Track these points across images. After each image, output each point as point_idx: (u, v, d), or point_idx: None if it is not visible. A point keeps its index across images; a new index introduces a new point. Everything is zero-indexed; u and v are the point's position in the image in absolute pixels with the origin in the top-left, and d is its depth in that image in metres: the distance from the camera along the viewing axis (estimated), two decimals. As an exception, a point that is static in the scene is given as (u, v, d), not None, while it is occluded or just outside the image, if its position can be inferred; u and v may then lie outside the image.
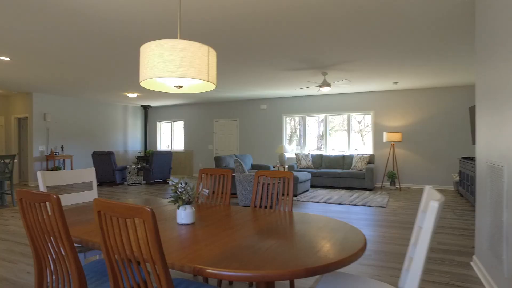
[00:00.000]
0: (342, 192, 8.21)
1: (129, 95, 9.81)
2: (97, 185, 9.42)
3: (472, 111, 7.09)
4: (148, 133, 13.33)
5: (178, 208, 1.97)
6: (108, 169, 9.16)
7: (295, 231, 1.82)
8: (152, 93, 9.73)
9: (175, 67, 1.74)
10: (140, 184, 9.59)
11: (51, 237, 1.53)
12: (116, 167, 9.17)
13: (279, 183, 5.84)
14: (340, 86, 8.67)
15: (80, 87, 8.62)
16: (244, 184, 6.09)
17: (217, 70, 6.96)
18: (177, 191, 1.95)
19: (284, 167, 9.79)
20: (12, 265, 3.31)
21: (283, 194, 7.66)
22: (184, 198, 1.95)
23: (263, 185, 6.23)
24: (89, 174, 2.94)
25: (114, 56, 5.64)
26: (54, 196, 1.40)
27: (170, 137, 12.96)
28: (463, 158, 7.23)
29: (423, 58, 5.86)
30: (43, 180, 2.56)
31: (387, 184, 9.31)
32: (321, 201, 6.96)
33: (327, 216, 2.22)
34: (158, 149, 13.14)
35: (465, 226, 4.80)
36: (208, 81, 1.85)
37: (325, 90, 7.25)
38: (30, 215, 1.55)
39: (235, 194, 7.70)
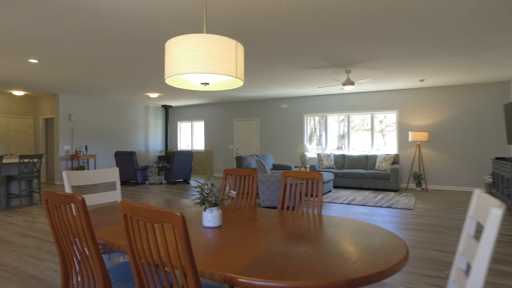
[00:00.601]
0: (366, 193, 7.98)
1: (150, 95, 9.90)
2: (120, 184, 9.56)
3: (508, 108, 6.71)
4: (169, 133, 13.45)
5: (204, 210, 1.89)
6: (130, 169, 9.27)
7: (327, 236, 1.71)
8: (173, 93, 9.79)
9: (201, 63, 1.66)
10: (161, 183, 9.66)
11: (76, 239, 1.48)
12: (137, 166, 9.27)
13: (301, 183, 5.72)
14: (363, 84, 8.43)
15: (102, 88, 8.76)
16: (267, 184, 6.00)
17: (238, 69, 6.89)
18: (203, 193, 1.87)
19: (305, 167, 9.63)
20: (39, 263, 3.35)
21: (308, 195, 7.50)
22: (210, 200, 1.87)
23: (290, 185, 6.11)
24: (113, 174, 2.92)
25: (136, 56, 5.67)
26: (79, 197, 1.34)
27: (191, 137, 13.03)
28: (497, 158, 6.86)
29: (453, 53, 5.59)
30: (68, 180, 2.55)
31: (412, 185, 9.00)
32: (345, 202, 6.78)
33: (359, 220, 2.09)
34: (178, 149, 13.24)
35: (503, 231, 4.52)
36: (236, 77, 1.76)
37: (348, 88, 7.05)
38: (56, 216, 1.52)
39: (257, 194, 7.62)
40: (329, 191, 8.17)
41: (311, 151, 10.39)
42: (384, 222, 5.09)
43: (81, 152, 10.16)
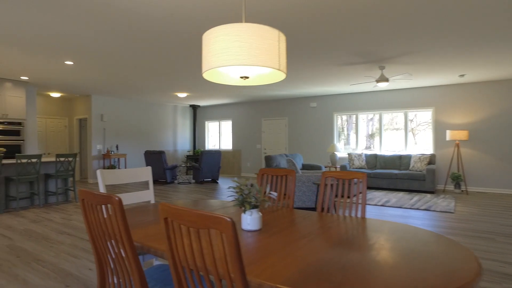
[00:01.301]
0: (400, 194, 7.63)
1: (179, 95, 9.98)
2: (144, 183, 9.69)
3: (558, 105, 6.18)
4: (197, 133, 13.54)
5: (244, 212, 1.78)
6: (159, 168, 9.38)
7: (381, 243, 1.55)
8: (201, 92, 9.81)
9: (242, 55, 1.55)
10: (190, 183, 9.71)
11: (112, 240, 1.41)
12: (166, 166, 9.36)
13: (332, 184, 5.48)
14: (397, 81, 8.07)
15: (133, 88, 8.91)
16: (298, 185, 5.84)
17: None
18: (243, 194, 1.76)
19: (336, 167, 9.37)
20: (76, 260, 3.37)
21: (350, 196, 7.28)
22: (250, 201, 1.76)
23: (331, 186, 5.93)
24: (146, 173, 2.88)
25: (166, 55, 5.67)
26: (116, 198, 1.27)
27: (218, 136, 13.06)
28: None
29: (498, 45, 5.19)
30: (102, 179, 2.52)
31: (450, 186, 8.52)
32: (378, 204, 6.50)
33: (405, 224, 1.91)
34: (206, 149, 13.31)
35: (558, 238, 4.13)
36: (279, 69, 1.64)
37: (382, 85, 6.76)
38: (92, 216, 1.45)
39: (285, 194, 7.47)
40: (361, 192, 7.88)
41: (341, 150, 10.10)
42: (423, 226, 4.80)
43: (112, 152, 10.40)
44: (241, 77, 1.80)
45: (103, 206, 1.39)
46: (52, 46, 5.11)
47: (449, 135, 7.94)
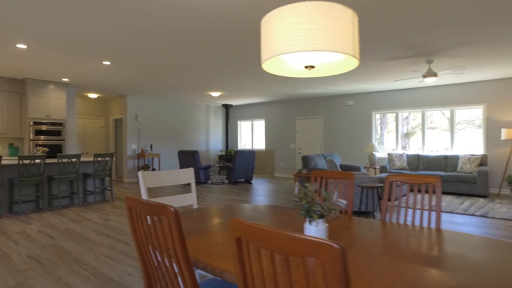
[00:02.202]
0: (448, 198, 7.08)
1: (212, 94, 9.89)
2: (182, 184, 9.67)
3: None
4: (229, 132, 13.44)
5: (309, 223, 1.53)
6: (192, 168, 9.33)
7: (479, 262, 1.25)
8: (234, 91, 9.67)
9: (314, 38, 1.30)
10: (223, 183, 9.59)
11: (164, 254, 1.22)
12: (200, 166, 9.29)
13: (367, 186, 5.07)
14: (443, 77, 7.50)
15: (167, 88, 8.91)
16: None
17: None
18: (308, 201, 1.52)
19: (374, 168, 8.91)
20: (115, 264, 3.27)
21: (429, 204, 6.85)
22: (316, 210, 1.51)
23: (399, 189, 5.58)
24: (188, 175, 2.70)
25: (202, 54, 5.54)
26: (172, 209, 1.06)
27: (251, 136, 12.89)
28: None
29: None
30: (144, 181, 2.37)
31: (506, 190, 7.82)
32: (426, 207, 6.02)
33: (495, 239, 1.58)
34: (238, 148, 13.18)
35: None
36: (353, 56, 1.38)
37: (429, 81, 6.27)
38: (141, 227, 1.26)
39: (324, 196, 7.14)
40: (404, 195, 7.40)
41: (380, 150, 9.60)
42: (486, 235, 4.34)
43: (146, 151, 10.50)
44: (306, 67, 1.56)
45: (153, 217, 1.20)
46: (90, 46, 5.11)
47: (504, 134, 7.28)
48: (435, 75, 6.06)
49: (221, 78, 7.64)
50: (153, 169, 10.45)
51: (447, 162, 8.20)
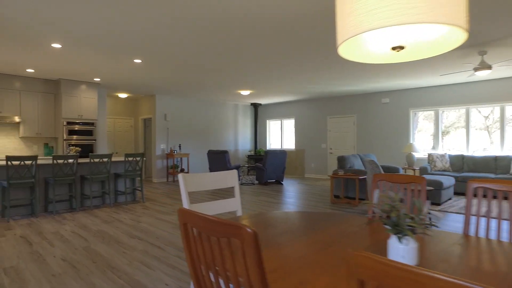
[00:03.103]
0: (503, 203, 6.47)
1: (242, 93, 9.67)
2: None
3: None
4: (258, 132, 13.18)
5: (400, 240, 1.23)
6: (222, 168, 9.14)
7: None
8: (264, 90, 9.40)
9: (418, 7, 1.00)
10: (253, 184, 9.35)
11: (231, 282, 0.96)
12: (230, 166, 9.09)
13: (410, 189, 4.66)
14: (494, 69, 6.89)
15: (196, 86, 8.77)
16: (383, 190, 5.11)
17: (336, 59, 6.12)
18: (396, 213, 1.22)
19: (413, 170, 8.38)
20: (150, 271, 3.08)
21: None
22: (406, 224, 1.20)
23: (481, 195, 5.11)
24: (231, 178, 2.45)
25: (234, 51, 5.30)
26: (248, 230, 0.79)
27: (280, 135, 12.58)
28: None
29: None
30: (184, 185, 2.13)
31: None
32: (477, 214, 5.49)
33: None
34: (267, 148, 12.91)
35: None
36: (465, 29, 1.06)
37: (482, 74, 5.74)
38: (199, 247, 1.00)
39: (363, 199, 6.74)
40: (449, 199, 6.87)
41: (420, 151, 9.04)
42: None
43: (175, 151, 10.43)
44: (393, 49, 1.25)
45: (220, 238, 0.94)
46: (122, 44, 5.00)
47: None
48: (489, 67, 5.53)
49: (252, 76, 7.40)
50: (182, 169, 10.37)
51: (497, 164, 7.56)
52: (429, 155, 8.30)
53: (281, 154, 9.25)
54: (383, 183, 2.26)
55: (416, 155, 9.08)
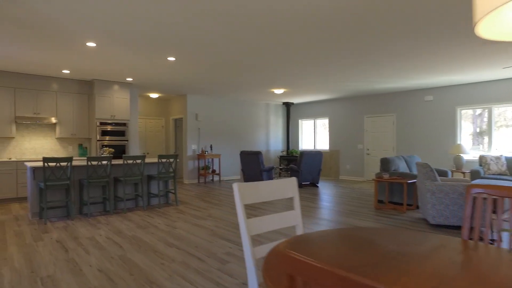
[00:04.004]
0: None
1: (275, 91, 9.31)
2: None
3: None
4: (290, 132, 12.76)
5: None
6: (255, 170, 8.83)
7: None
8: (298, 88, 9.00)
9: None
10: (287, 186, 8.96)
11: None
12: (263, 167, 8.76)
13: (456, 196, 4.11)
14: None
15: (229, 85, 8.50)
16: (439, 196, 4.60)
17: (377, 52, 5.62)
18: None
19: (463, 173, 7.70)
20: (190, 288, 2.79)
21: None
22: None
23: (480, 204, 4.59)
24: (291, 187, 2.10)
25: (269, 48, 4.94)
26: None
27: (313, 135, 12.11)
28: None
29: None
30: (240, 198, 1.80)
31: None
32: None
33: None
34: (300, 149, 12.47)
35: None
36: None
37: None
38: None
39: (411, 205, 6.20)
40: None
41: (470, 152, 8.33)
42: None
43: (206, 152, 10.22)
44: None
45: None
46: (156, 40, 4.77)
47: None
48: (561, 59, 4.87)
49: (287, 73, 7.02)
50: (213, 171, 10.15)
51: (561, 167, 6.77)
52: (482, 157, 7.59)
53: (317, 155, 8.82)
54: (486, 196, 1.82)
55: (466, 157, 8.37)
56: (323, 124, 11.83)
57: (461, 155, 7.85)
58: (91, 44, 4.94)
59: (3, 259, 3.49)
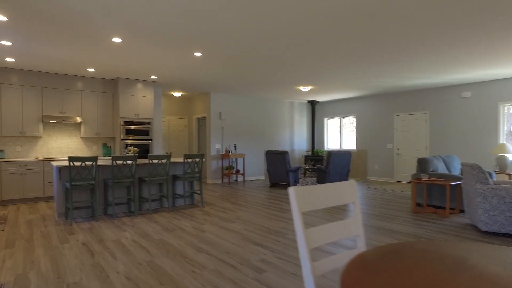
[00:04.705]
0: None
1: (301, 89, 8.98)
2: (269, 187, 8.93)
3: None
4: (316, 131, 12.37)
5: None
6: (281, 170, 8.52)
7: None
8: (326, 85, 8.63)
9: None
10: (314, 187, 8.60)
11: None
12: (290, 167, 8.44)
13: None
14: None
15: (254, 83, 8.23)
16: (492, 200, 4.17)
17: (415, 47, 5.19)
18: None
19: (509, 175, 7.14)
20: (226, 300, 2.52)
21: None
22: None
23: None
24: (350, 191, 1.80)
25: (299, 44, 4.63)
26: None
27: (339, 134, 11.68)
28: None
29: None
30: (297, 204, 1.51)
31: None
32: None
33: None
34: (325, 148, 12.06)
35: None
36: None
37: None
38: None
39: (453, 209, 5.75)
40: None
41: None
42: None
43: (230, 151, 10.00)
44: None
45: None
46: (183, 36, 4.55)
47: None
48: None
49: (316, 70, 6.67)
50: (237, 171, 9.91)
51: None
52: (528, 157, 7.00)
53: (346, 155, 8.43)
54: None
55: (510, 156, 7.77)
56: (349, 122, 11.39)
57: (506, 155, 7.28)
58: (117, 39, 4.78)
59: (30, 262, 3.35)
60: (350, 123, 11.39)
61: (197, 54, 5.58)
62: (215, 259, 3.42)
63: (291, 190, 1.53)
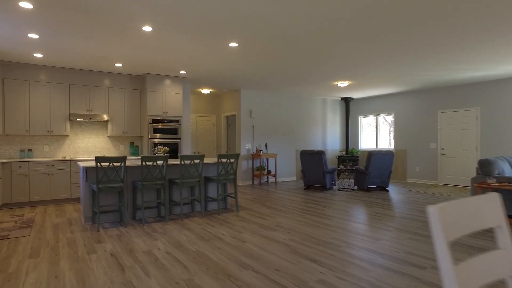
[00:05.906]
0: None
1: (339, 84, 8.35)
2: (304, 189, 8.35)
3: None
4: (350, 130, 11.65)
5: None
6: (317, 171, 7.93)
7: None
8: (364, 81, 7.96)
9: None
10: (353, 190, 7.97)
11: None
12: (327, 169, 7.84)
13: None
14: None
15: (288, 78, 7.68)
16: None
17: (468, 38, 4.47)
18: None
19: None
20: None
21: None
22: None
23: None
24: (494, 210, 1.23)
25: (341, 35, 4.04)
26: None
27: (376, 133, 10.94)
28: None
29: None
30: (443, 232, 0.98)
31: None
32: None
33: None
34: (359, 148, 11.34)
35: None
36: None
37: None
38: None
39: (526, 219, 4.98)
40: None
41: None
42: None
43: (261, 151, 9.49)
44: None
45: None
46: (219, 23, 4.07)
47: None
48: None
49: (356, 63, 6.04)
50: (269, 172, 9.40)
51: None
52: None
53: (387, 155, 7.74)
54: None
55: None
56: (386, 121, 10.63)
57: None
58: (147, 28, 4.36)
59: (54, 276, 2.95)
60: (386, 121, 10.63)
61: (233, 44, 5.09)
62: (264, 278, 2.90)
63: (433, 210, 0.99)
